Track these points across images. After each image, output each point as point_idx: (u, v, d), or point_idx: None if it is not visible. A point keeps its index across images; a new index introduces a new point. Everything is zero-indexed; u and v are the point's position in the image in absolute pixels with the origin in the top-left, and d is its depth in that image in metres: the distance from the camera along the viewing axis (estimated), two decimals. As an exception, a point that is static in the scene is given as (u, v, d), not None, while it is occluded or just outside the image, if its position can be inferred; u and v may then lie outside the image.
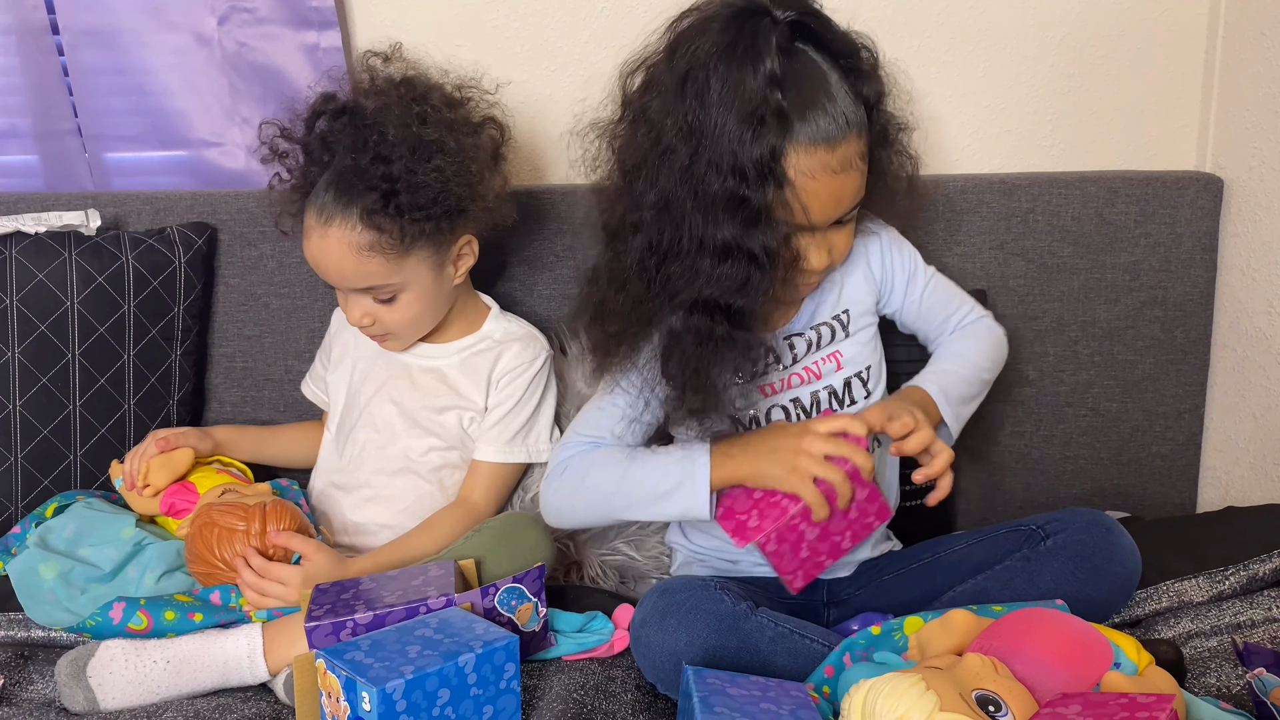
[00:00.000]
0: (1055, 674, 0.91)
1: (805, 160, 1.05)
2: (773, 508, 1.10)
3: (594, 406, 1.25)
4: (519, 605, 1.12)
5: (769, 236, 1.06)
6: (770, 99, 1.02)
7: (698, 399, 1.12)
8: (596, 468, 1.18)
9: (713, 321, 1.09)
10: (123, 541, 1.25)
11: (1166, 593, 1.18)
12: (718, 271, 1.07)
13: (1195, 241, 1.54)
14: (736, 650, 1.04)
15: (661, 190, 1.07)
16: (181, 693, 1.09)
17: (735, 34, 1.04)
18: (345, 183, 1.24)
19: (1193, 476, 1.61)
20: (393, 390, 1.38)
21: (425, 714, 0.93)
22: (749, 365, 1.14)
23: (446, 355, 1.38)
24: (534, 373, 1.37)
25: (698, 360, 1.10)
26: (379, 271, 1.25)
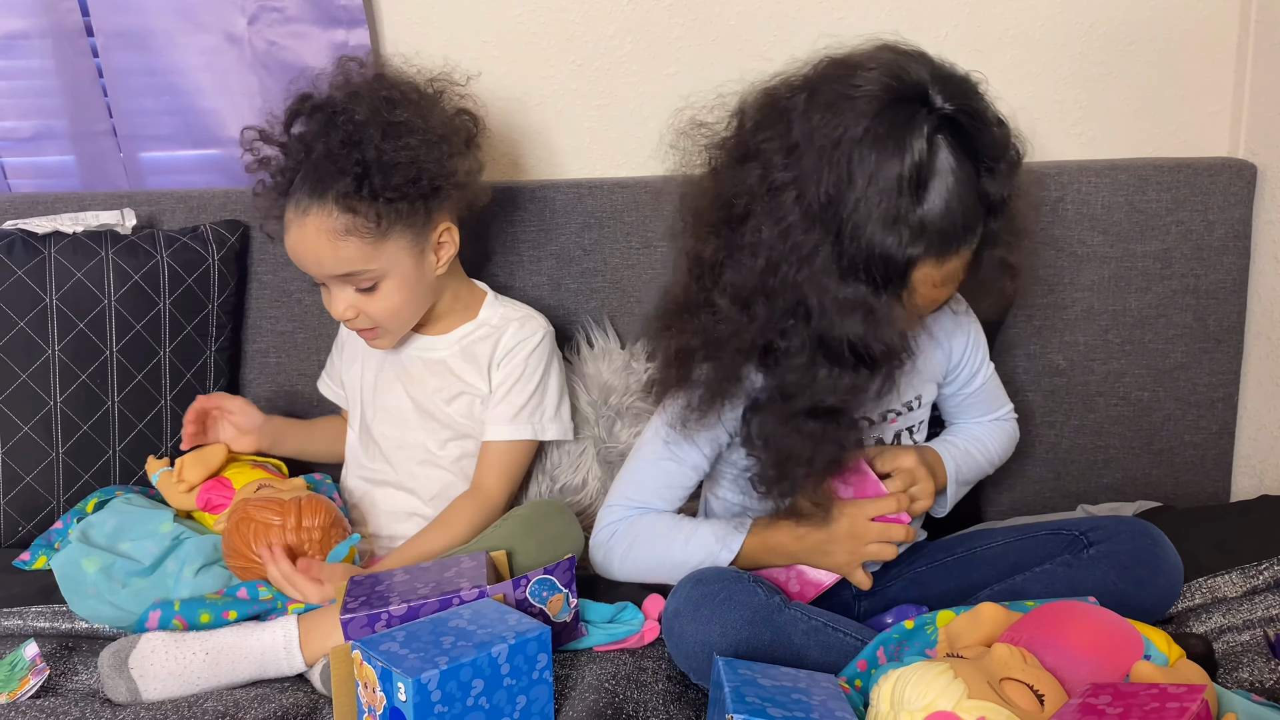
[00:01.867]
0: (1084, 664, 0.91)
1: (922, 271, 1.00)
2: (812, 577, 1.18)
3: (643, 466, 1.22)
4: (550, 596, 1.13)
5: (890, 336, 1.00)
6: (914, 205, 0.96)
7: (773, 473, 1.10)
8: (641, 542, 1.19)
9: (819, 421, 1.05)
10: (161, 536, 1.27)
11: (1200, 589, 1.17)
12: (832, 376, 1.02)
13: (1228, 229, 1.53)
14: (770, 642, 1.05)
15: (774, 258, 1.00)
16: (220, 683, 1.11)
17: (891, 121, 0.96)
18: (319, 171, 1.25)
19: (1226, 465, 1.60)
20: (403, 385, 1.39)
21: (459, 704, 0.94)
22: (839, 453, 1.10)
23: (447, 346, 1.39)
24: (531, 349, 1.37)
25: (791, 445, 1.07)
26: (357, 256, 1.26)
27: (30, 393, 1.39)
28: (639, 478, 1.22)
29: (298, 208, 1.25)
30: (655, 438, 1.21)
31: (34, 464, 1.40)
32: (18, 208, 1.52)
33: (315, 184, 1.25)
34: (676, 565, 1.16)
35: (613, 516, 1.22)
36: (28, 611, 1.24)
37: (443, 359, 1.38)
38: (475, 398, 1.37)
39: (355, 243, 1.25)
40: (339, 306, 1.30)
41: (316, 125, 1.28)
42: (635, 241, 1.52)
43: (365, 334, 1.34)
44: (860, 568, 1.15)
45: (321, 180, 1.24)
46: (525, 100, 1.57)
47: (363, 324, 1.32)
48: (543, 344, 1.38)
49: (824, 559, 1.16)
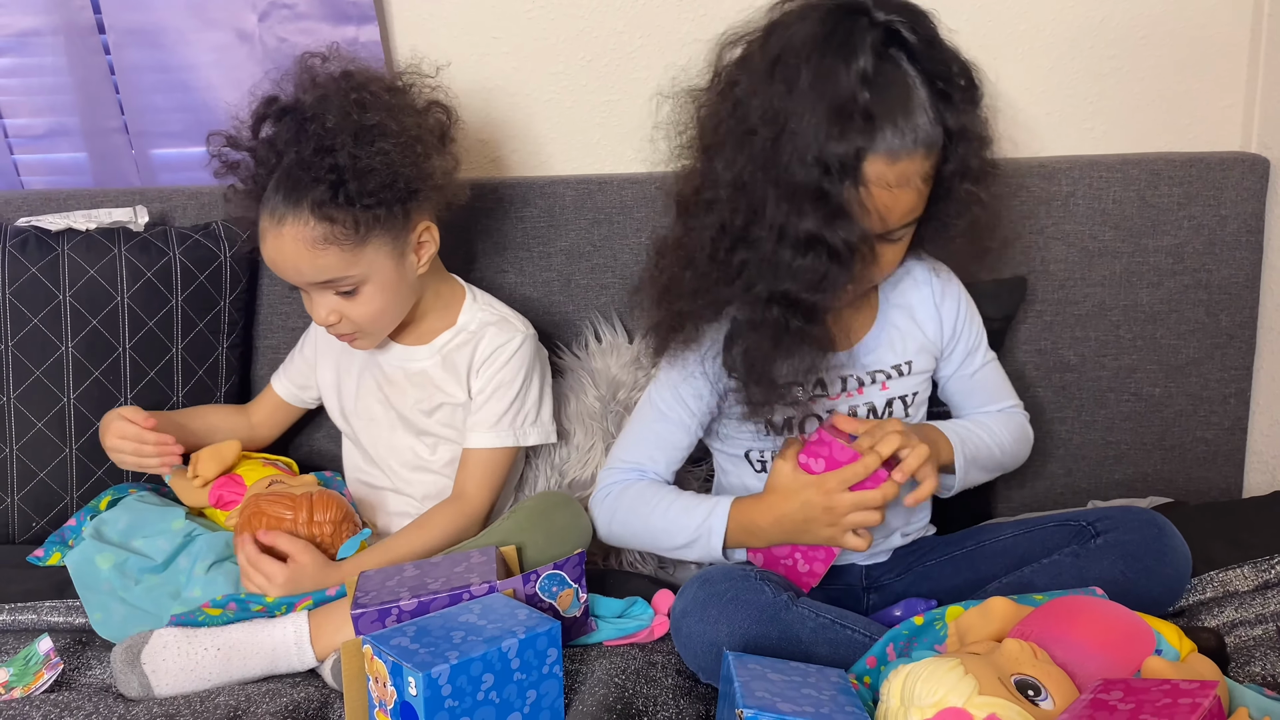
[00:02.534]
0: (1096, 659, 0.91)
1: (876, 168, 1.04)
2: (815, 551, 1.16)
3: (636, 427, 1.27)
4: (560, 591, 1.13)
5: (849, 232, 1.04)
6: (859, 98, 1.01)
7: (760, 391, 1.13)
8: (624, 508, 1.24)
9: (788, 315, 1.08)
10: (174, 533, 1.27)
11: (1211, 582, 1.17)
12: (798, 264, 1.05)
13: (1240, 223, 1.52)
14: (778, 640, 1.05)
15: (740, 170, 1.06)
16: (232, 679, 1.12)
17: (833, 26, 1.03)
18: (292, 179, 1.23)
19: (1238, 461, 1.59)
20: (386, 395, 1.38)
21: (470, 698, 0.95)
22: (816, 364, 1.13)
23: (428, 356, 1.37)
24: (509, 355, 1.34)
25: (766, 352, 1.10)
26: (336, 264, 1.24)
27: (44, 389, 1.40)
28: (632, 439, 1.27)
29: (273, 216, 1.23)
30: (647, 401, 1.27)
31: (47, 460, 1.41)
32: (31, 205, 1.52)
33: (289, 191, 1.22)
34: (657, 533, 1.21)
35: (608, 479, 1.27)
36: (42, 606, 1.25)
37: (424, 369, 1.36)
38: (456, 407, 1.36)
39: (334, 250, 1.23)
40: (321, 312, 1.28)
41: (286, 131, 1.25)
42: (645, 237, 1.52)
43: (346, 338, 1.32)
44: (851, 534, 1.12)
45: (296, 188, 1.22)
46: (535, 96, 1.57)
47: (345, 329, 1.30)
48: (522, 349, 1.35)
49: (808, 538, 1.15)
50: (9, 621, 1.22)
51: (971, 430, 1.26)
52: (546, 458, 1.46)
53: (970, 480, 1.24)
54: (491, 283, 1.53)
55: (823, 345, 1.12)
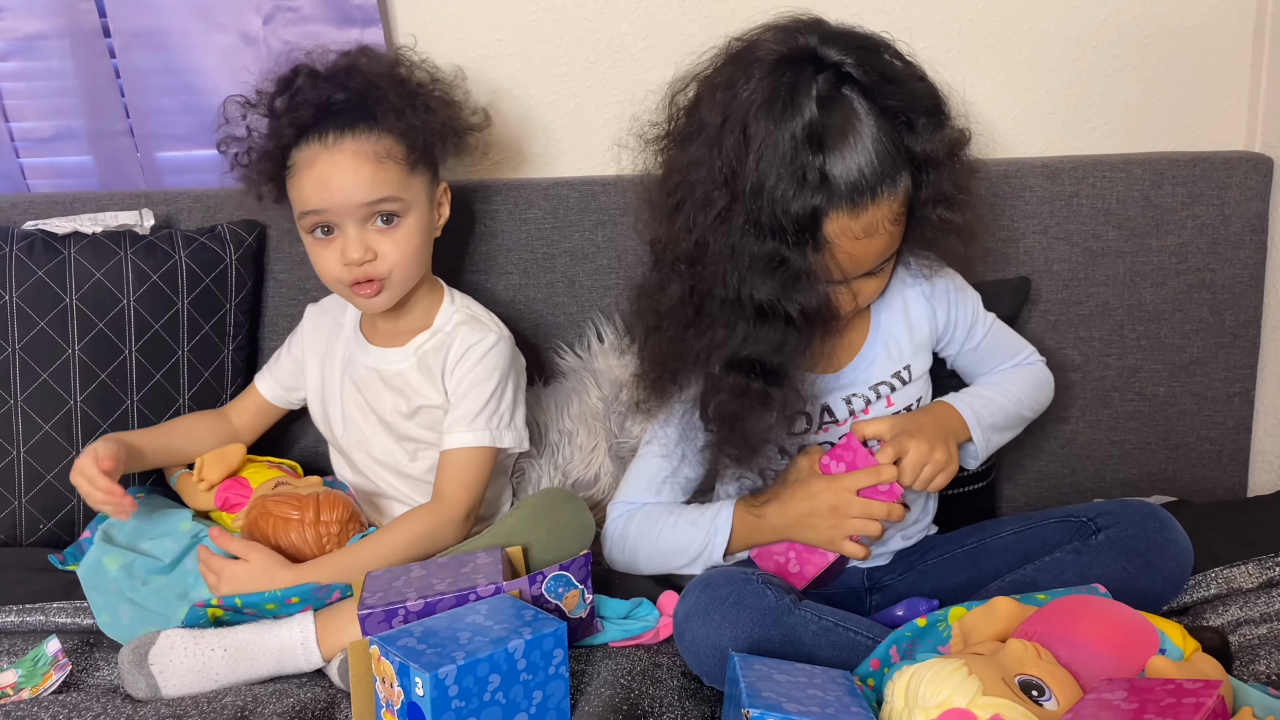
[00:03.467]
0: (1100, 659, 0.91)
1: (836, 225, 1.03)
2: (811, 554, 1.17)
3: (642, 464, 1.27)
4: (566, 592, 1.14)
5: (808, 297, 1.04)
6: (813, 160, 1.00)
7: (734, 448, 1.13)
8: (634, 533, 1.24)
9: (749, 379, 1.09)
10: (181, 534, 1.28)
11: (1215, 580, 1.17)
12: (756, 332, 1.06)
13: (1244, 222, 1.52)
14: (781, 644, 1.05)
15: (699, 237, 1.06)
16: (239, 679, 1.12)
17: (777, 82, 1.01)
18: (351, 106, 1.27)
19: (1243, 461, 1.59)
20: (366, 400, 1.37)
21: (476, 699, 0.95)
22: (785, 420, 1.13)
23: (404, 359, 1.36)
24: (482, 353, 1.33)
25: (735, 411, 1.11)
26: (394, 180, 1.26)
27: (51, 392, 1.41)
28: (633, 476, 1.28)
29: (323, 141, 1.26)
30: (650, 439, 1.27)
31: (54, 462, 1.41)
32: (37, 208, 1.53)
33: (348, 116, 1.26)
34: (669, 553, 1.22)
35: (613, 514, 1.27)
36: (50, 608, 1.25)
37: (400, 372, 1.36)
38: (434, 409, 1.35)
39: (393, 167, 1.26)
40: (357, 249, 1.26)
41: (325, 86, 1.28)
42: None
43: (369, 287, 1.28)
44: (849, 541, 1.12)
45: (354, 111, 1.26)
46: (539, 98, 1.57)
47: (379, 269, 1.27)
48: (495, 349, 1.34)
49: (807, 534, 1.15)
50: (17, 623, 1.23)
51: (985, 397, 1.25)
52: (550, 458, 1.46)
53: (994, 444, 1.25)
54: (495, 284, 1.53)
55: (787, 405, 1.11)
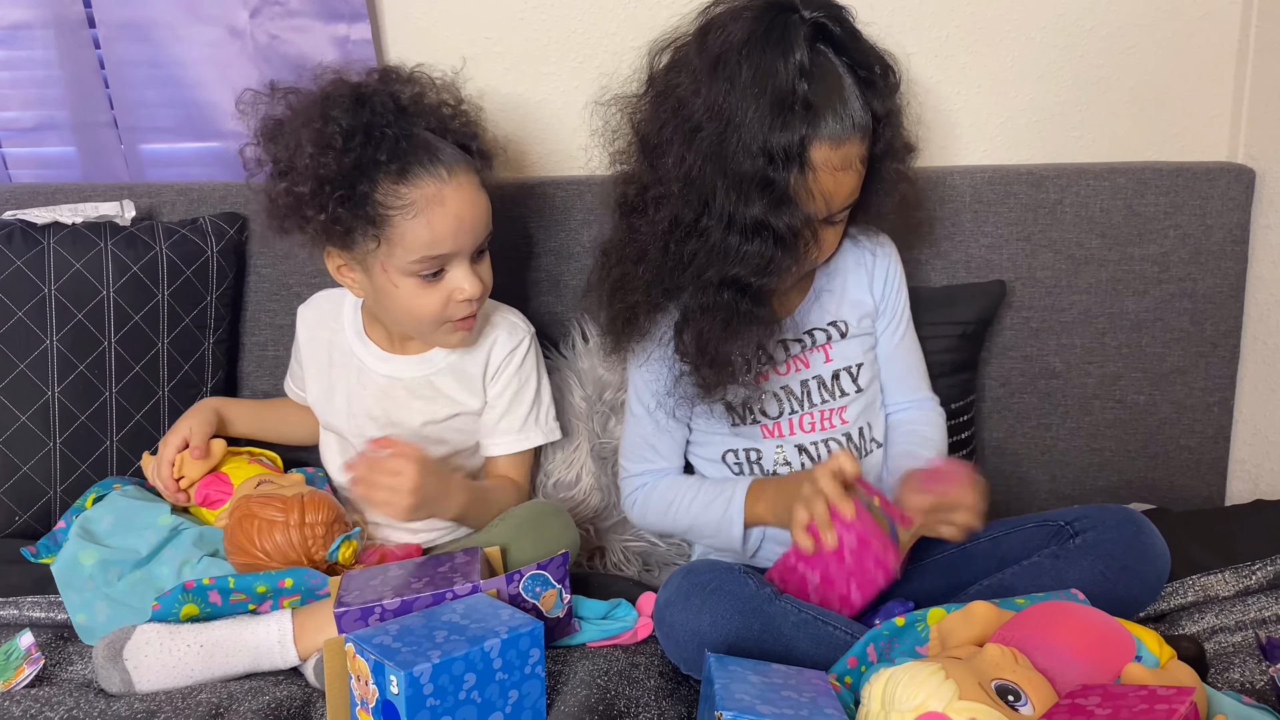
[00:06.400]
0: (1076, 665, 0.91)
1: (821, 153, 1.10)
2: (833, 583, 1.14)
3: (631, 434, 1.35)
4: (543, 592, 1.13)
5: (793, 217, 1.11)
6: (799, 89, 1.07)
7: (712, 373, 1.19)
8: (654, 510, 1.32)
9: (738, 298, 1.14)
10: (160, 528, 1.27)
11: (1192, 587, 1.18)
12: (745, 250, 1.11)
13: (1226, 233, 1.53)
14: (760, 633, 1.05)
15: (689, 166, 1.11)
16: (214, 676, 1.11)
17: (768, 24, 1.09)
18: (430, 137, 1.22)
19: (1221, 470, 1.60)
20: (385, 411, 1.34)
21: (452, 697, 0.95)
22: (763, 342, 1.20)
23: (428, 366, 1.34)
24: (522, 358, 1.36)
25: (716, 335, 1.16)
26: (488, 214, 1.25)
27: (28, 383, 1.39)
28: (632, 447, 1.35)
29: (434, 176, 1.18)
30: (630, 407, 1.34)
31: (31, 454, 1.40)
32: (18, 198, 1.52)
33: (436, 148, 1.20)
34: (688, 532, 1.32)
35: (626, 489, 1.35)
36: (24, 601, 1.24)
37: (427, 379, 1.34)
38: (472, 415, 1.36)
39: (485, 199, 1.24)
40: (477, 284, 1.23)
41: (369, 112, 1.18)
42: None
43: (469, 322, 1.27)
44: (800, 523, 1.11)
45: (437, 144, 1.21)
46: (526, 96, 1.57)
47: (483, 300, 1.27)
48: (532, 349, 1.38)
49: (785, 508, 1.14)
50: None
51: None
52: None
53: None
54: (480, 282, 1.53)
55: (768, 324, 1.18)
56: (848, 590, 1.10)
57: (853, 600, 1.10)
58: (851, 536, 1.08)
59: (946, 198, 1.52)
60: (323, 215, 1.18)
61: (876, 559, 1.08)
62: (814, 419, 1.27)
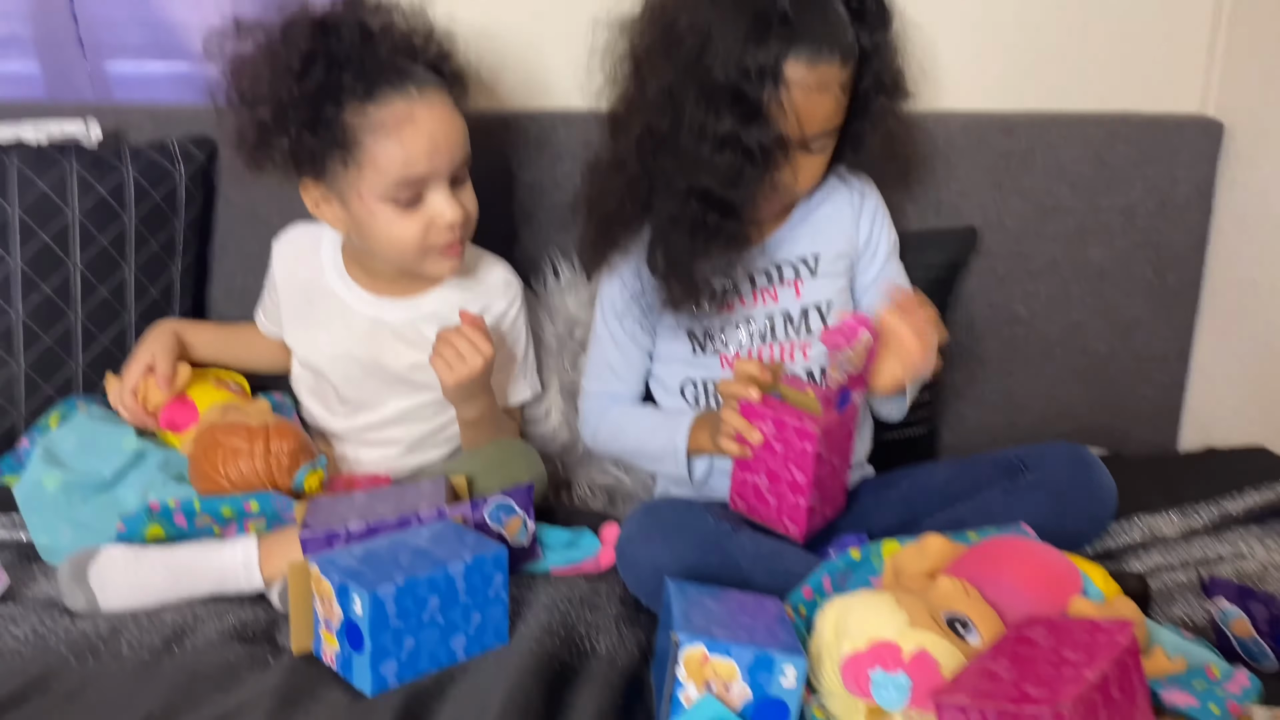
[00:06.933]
0: (1024, 599, 0.94)
1: (796, 71, 1.11)
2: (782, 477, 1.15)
3: (594, 356, 1.37)
4: (508, 519, 1.15)
5: (764, 134, 1.12)
6: (779, 5, 1.09)
7: (680, 290, 1.20)
8: (605, 433, 1.34)
9: (705, 210, 1.16)
10: (125, 452, 1.26)
11: (1140, 527, 1.21)
12: (715, 161, 1.13)
13: (1192, 186, 1.55)
14: (718, 567, 1.08)
15: (666, 79, 1.14)
16: (179, 597, 1.12)
17: None
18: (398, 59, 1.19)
19: (1175, 418, 1.64)
20: (370, 352, 1.33)
21: (415, 619, 0.96)
22: (733, 264, 1.21)
23: (419, 310, 1.33)
24: (514, 317, 1.37)
25: (686, 248, 1.18)
26: (464, 136, 1.23)
27: (-9, 303, 1.38)
28: (594, 369, 1.37)
29: (406, 95, 1.16)
30: (596, 328, 1.36)
31: (-5, 374, 1.39)
32: (-21, 115, 1.49)
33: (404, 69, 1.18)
34: (636, 457, 1.34)
35: (584, 408, 1.38)
36: (-13, 521, 1.24)
37: (413, 324, 1.32)
38: None
39: (460, 121, 1.23)
40: (458, 210, 1.21)
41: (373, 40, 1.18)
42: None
43: (455, 249, 1.25)
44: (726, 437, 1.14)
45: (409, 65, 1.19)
46: (500, 28, 1.54)
47: (467, 229, 1.25)
48: (523, 307, 1.39)
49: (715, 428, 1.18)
50: (-47, 536, 1.22)
51: None
52: (501, 393, 1.47)
53: (912, 395, 1.27)
54: (451, 215, 1.52)
55: (738, 243, 1.20)
56: (790, 474, 1.12)
57: (798, 481, 1.11)
58: (768, 424, 1.11)
59: (919, 142, 1.52)
60: (287, 140, 1.17)
61: (797, 430, 1.09)
62: (774, 355, 1.28)
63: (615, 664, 1.01)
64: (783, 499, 1.13)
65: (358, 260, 1.34)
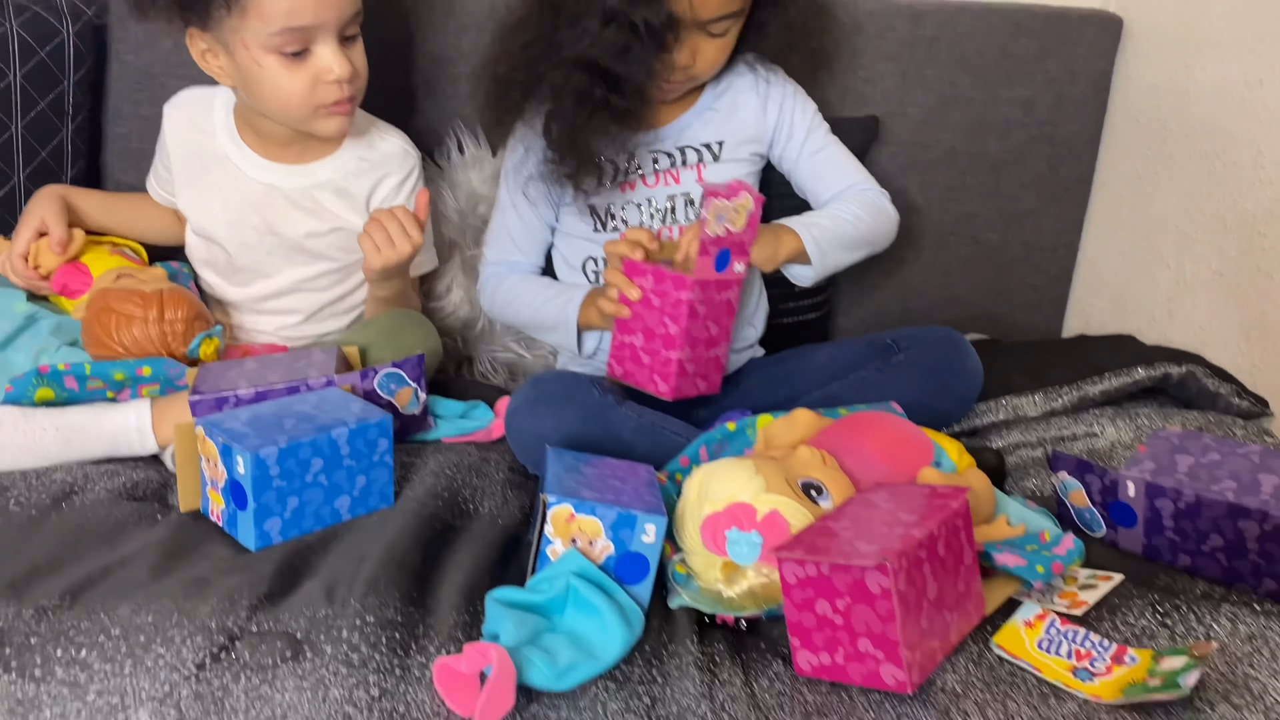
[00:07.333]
0: (878, 468, 1.00)
1: None
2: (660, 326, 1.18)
3: (495, 224, 1.38)
4: (398, 389, 1.17)
5: (652, 12, 1.13)
6: None
7: (575, 164, 1.22)
8: (500, 301, 1.36)
9: (592, 83, 1.16)
10: (15, 315, 1.26)
11: (1004, 407, 1.27)
12: (603, 34, 1.14)
13: (1089, 81, 1.58)
14: (600, 437, 1.12)
15: None
16: (71, 459, 1.13)
17: None
18: None
19: (1061, 307, 1.70)
20: (263, 219, 1.32)
21: (298, 480, 0.99)
22: (626, 142, 1.22)
23: (312, 177, 1.32)
24: (411, 188, 1.36)
25: (576, 122, 1.19)
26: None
27: None
28: (494, 237, 1.38)
29: None
30: (499, 197, 1.38)
31: (-122, 235, 1.36)
32: None
33: None
34: (530, 326, 1.36)
35: (483, 274, 1.39)
36: None
37: (307, 191, 1.32)
38: (353, 233, 1.32)
39: None
40: (346, 64, 1.20)
41: None
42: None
43: (344, 106, 1.23)
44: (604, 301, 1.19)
45: None
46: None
47: (357, 86, 1.23)
48: (420, 178, 1.38)
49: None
50: None
51: (819, 216, 1.28)
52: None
53: (833, 262, 1.27)
54: (353, 84, 1.50)
55: (629, 120, 1.21)
56: (665, 328, 1.14)
57: (671, 334, 1.14)
58: (648, 279, 1.15)
59: (826, 30, 1.52)
60: None
61: (674, 281, 1.12)
62: (674, 236, 1.31)
63: (496, 524, 1.06)
64: (655, 355, 1.15)
65: (250, 123, 1.32)
